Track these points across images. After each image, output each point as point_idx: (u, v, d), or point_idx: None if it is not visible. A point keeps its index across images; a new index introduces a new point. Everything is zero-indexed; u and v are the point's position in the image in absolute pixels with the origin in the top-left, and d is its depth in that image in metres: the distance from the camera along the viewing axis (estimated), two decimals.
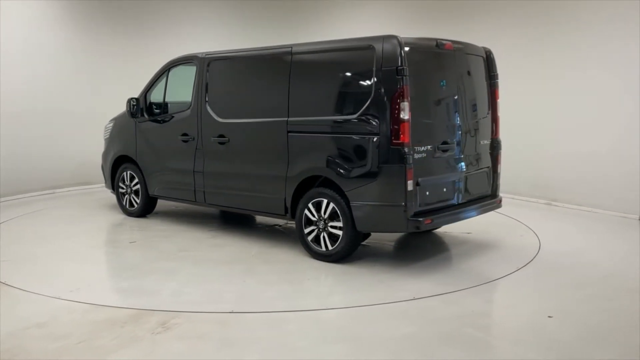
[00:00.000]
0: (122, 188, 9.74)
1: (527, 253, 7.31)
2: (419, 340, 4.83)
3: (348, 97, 6.75)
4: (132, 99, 9.41)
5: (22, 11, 11.22)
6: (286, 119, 7.21)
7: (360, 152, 6.51)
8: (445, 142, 6.79)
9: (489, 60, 7.67)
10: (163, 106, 9.13)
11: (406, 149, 6.22)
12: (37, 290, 5.91)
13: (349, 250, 6.84)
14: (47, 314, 5.30)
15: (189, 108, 8.52)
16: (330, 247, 6.84)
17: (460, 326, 5.09)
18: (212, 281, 6.38)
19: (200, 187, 8.37)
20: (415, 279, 6.37)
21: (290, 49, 7.33)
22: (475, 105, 7.42)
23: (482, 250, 7.46)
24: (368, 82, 6.45)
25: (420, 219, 6.32)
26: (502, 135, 11.38)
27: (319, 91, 7.03)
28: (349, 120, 6.60)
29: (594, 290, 6.01)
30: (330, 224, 6.81)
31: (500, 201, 7.64)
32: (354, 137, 6.56)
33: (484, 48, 7.67)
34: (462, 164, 7.09)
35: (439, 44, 6.81)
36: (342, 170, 6.65)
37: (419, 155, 6.42)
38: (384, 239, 7.90)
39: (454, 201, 6.98)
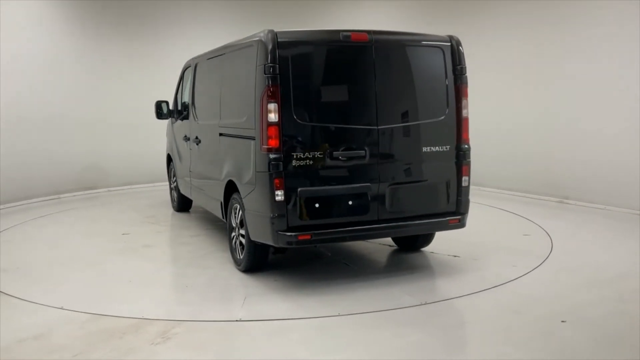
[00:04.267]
0: (171, 184, 10.39)
1: (539, 253, 7.12)
2: (426, 347, 4.65)
3: (243, 99, 6.22)
4: (158, 101, 9.51)
5: (27, 15, 11.19)
6: (218, 121, 7.14)
7: (247, 157, 6.08)
8: (349, 148, 5.89)
9: (453, 52, 6.36)
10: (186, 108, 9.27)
11: (274, 155, 5.62)
12: (37, 300, 5.80)
13: (253, 261, 6.39)
14: (44, 324, 5.17)
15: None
16: (240, 256, 6.57)
17: (469, 332, 4.93)
18: (110, 278, 6.59)
19: (192, 185, 8.72)
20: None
21: (225, 48, 7.18)
22: (415, 104, 6.29)
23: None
24: (252, 83, 5.91)
25: (293, 234, 5.65)
26: (511, 133, 11.36)
27: (231, 93, 6.81)
28: (241, 123, 6.25)
29: (607, 292, 5.81)
30: (241, 231, 6.46)
31: (459, 220, 6.34)
32: (244, 141, 6.13)
33: (450, 37, 6.41)
34: (383, 174, 6.00)
35: (343, 36, 5.90)
36: (239, 176, 6.34)
37: (300, 163, 5.71)
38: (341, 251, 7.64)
39: (370, 217, 5.99)
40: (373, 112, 5.97)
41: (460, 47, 6.38)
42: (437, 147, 6.26)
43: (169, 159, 10.38)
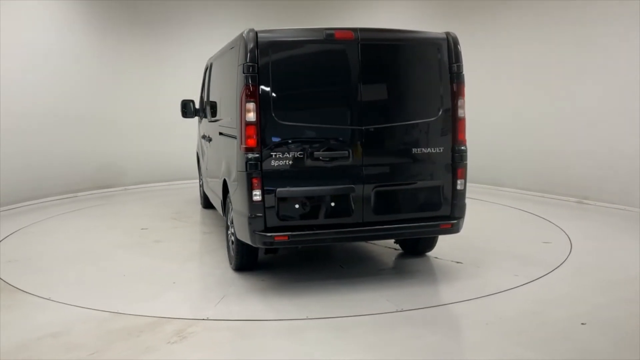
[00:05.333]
0: (200, 182, 10.61)
1: (558, 255, 7.00)
2: (443, 349, 4.58)
3: (230, 98, 6.19)
4: (184, 100, 9.63)
5: (44, 16, 11.26)
6: (218, 120, 7.23)
7: (233, 157, 6.06)
8: (330, 149, 5.76)
9: (449, 50, 6.06)
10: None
11: (251, 155, 5.56)
12: (55, 298, 5.81)
13: (242, 260, 6.39)
14: (62, 323, 5.17)
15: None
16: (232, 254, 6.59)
17: (487, 334, 4.84)
18: (104, 273, 6.74)
19: (207, 182, 8.92)
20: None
21: (224, 48, 7.28)
22: (405, 104, 6.09)
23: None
24: (235, 82, 5.91)
25: (270, 235, 5.58)
26: (530, 132, 11.24)
27: (225, 92, 6.85)
28: (229, 122, 6.28)
29: (627, 294, 5.69)
30: (231, 229, 6.51)
31: (451, 225, 6.02)
32: (232, 141, 6.12)
33: (447, 34, 6.11)
34: (368, 175, 5.80)
35: (326, 35, 5.75)
36: (229, 175, 6.35)
37: (280, 163, 5.62)
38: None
39: (354, 219, 5.81)
40: (357, 112, 5.82)
41: (458, 45, 6.08)
42: (429, 149, 6.00)
43: (198, 157, 10.55)
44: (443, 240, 7.14)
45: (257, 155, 5.57)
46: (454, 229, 6.08)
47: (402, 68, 6.13)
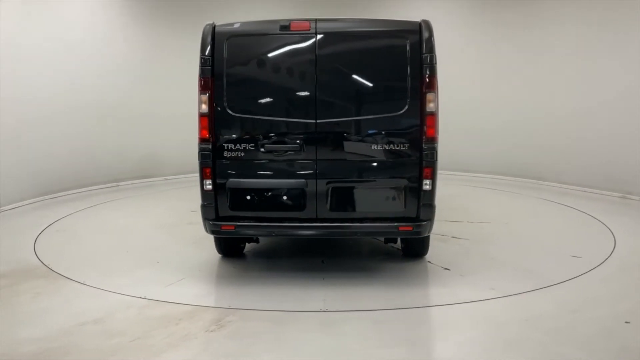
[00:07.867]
0: None
1: (601, 251, 6.87)
2: (481, 345, 4.55)
3: None
4: None
5: (91, 9, 11.46)
6: None
7: None
8: (281, 142, 5.76)
9: (421, 41, 5.62)
10: None
11: (203, 145, 5.75)
12: (97, 285, 5.95)
13: (221, 246, 6.65)
14: (104, 309, 5.30)
15: None
16: None
17: (526, 331, 4.78)
18: (114, 249, 7.30)
19: None
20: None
21: None
22: (365, 98, 5.93)
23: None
24: None
25: (217, 223, 5.76)
26: (569, 125, 11.02)
27: None
28: None
29: None
30: None
31: (412, 228, 5.64)
32: None
33: (421, 23, 5.70)
34: (322, 171, 5.71)
35: (281, 27, 5.70)
36: None
37: (232, 154, 5.74)
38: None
39: (307, 214, 5.75)
40: (312, 105, 5.70)
41: (432, 35, 5.62)
42: (391, 145, 5.71)
43: None
44: (459, 244, 7.11)
45: (209, 146, 5.74)
46: (416, 232, 5.73)
47: (363, 60, 5.87)
